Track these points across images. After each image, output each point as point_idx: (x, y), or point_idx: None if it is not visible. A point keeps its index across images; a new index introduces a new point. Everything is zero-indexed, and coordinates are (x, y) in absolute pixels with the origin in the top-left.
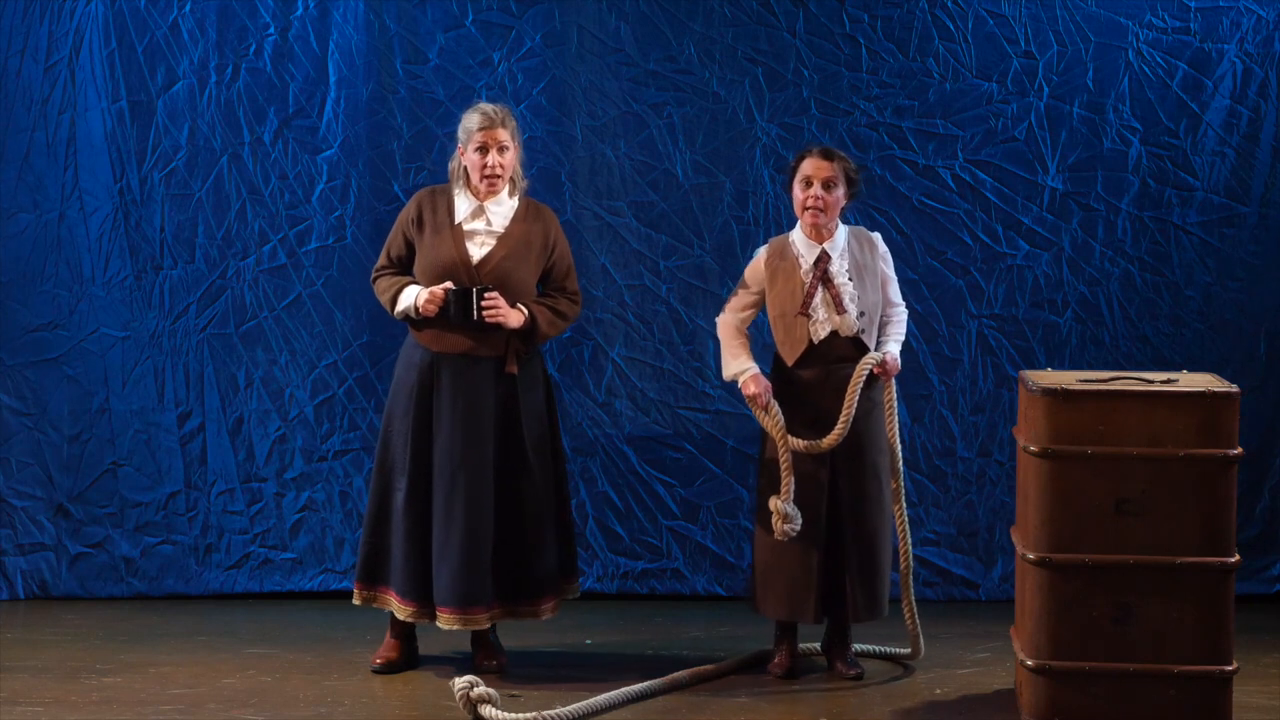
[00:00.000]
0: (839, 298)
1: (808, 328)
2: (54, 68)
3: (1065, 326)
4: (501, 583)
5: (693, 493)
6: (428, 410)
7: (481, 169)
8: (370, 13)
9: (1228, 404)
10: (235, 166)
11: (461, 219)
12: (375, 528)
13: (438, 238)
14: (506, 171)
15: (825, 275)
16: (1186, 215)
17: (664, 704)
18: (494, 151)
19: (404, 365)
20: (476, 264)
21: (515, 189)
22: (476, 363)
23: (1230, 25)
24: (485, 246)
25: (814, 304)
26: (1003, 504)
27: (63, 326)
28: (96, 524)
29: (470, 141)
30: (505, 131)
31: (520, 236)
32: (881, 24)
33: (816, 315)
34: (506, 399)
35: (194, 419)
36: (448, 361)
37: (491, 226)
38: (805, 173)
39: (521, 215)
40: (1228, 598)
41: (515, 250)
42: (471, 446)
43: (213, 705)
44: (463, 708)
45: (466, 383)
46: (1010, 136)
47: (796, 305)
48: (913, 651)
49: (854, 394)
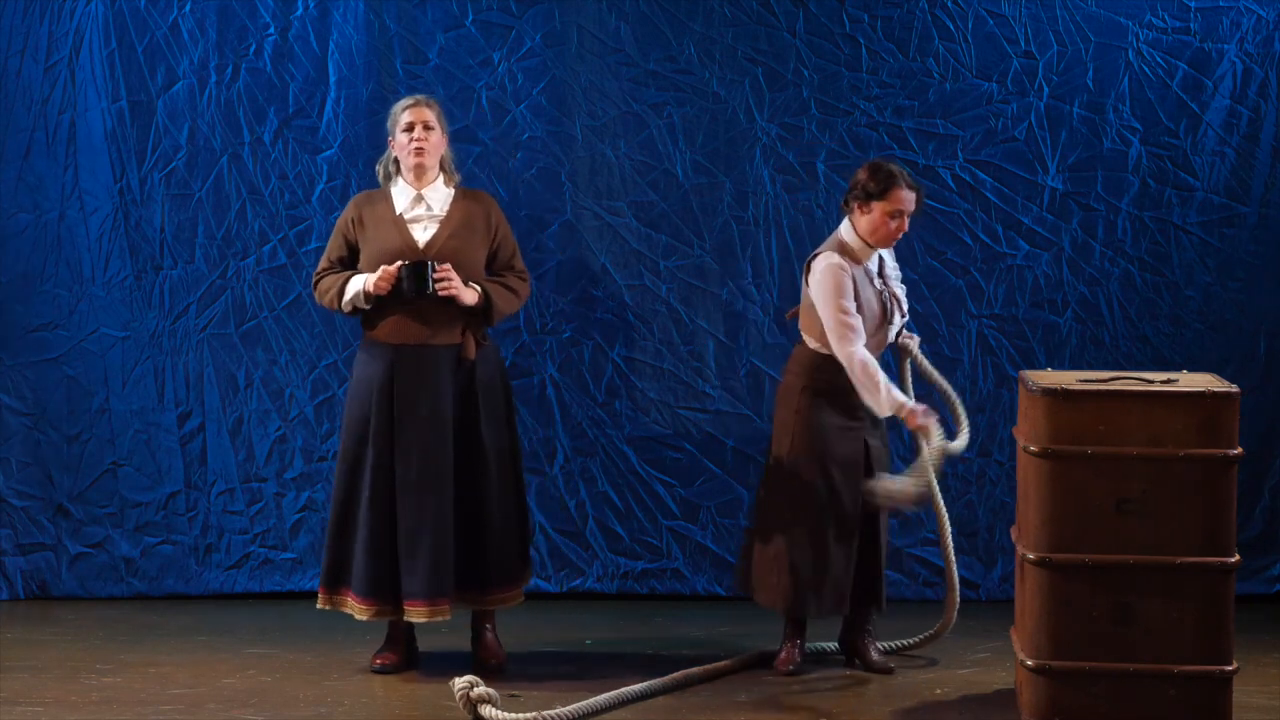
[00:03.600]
0: (899, 301)
1: (887, 333)
2: (54, 68)
3: (1065, 326)
4: (462, 573)
5: (693, 493)
6: (389, 409)
7: (408, 145)
8: (370, 13)
9: (1228, 404)
10: (235, 166)
11: (402, 210)
12: (340, 531)
13: (380, 230)
14: (433, 149)
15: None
16: (1186, 215)
17: (664, 704)
18: (419, 128)
19: (361, 367)
20: (423, 247)
21: (450, 180)
22: (434, 353)
23: (1230, 25)
24: (429, 230)
25: (890, 310)
26: (1003, 504)
27: (63, 326)
28: (96, 524)
29: (397, 125)
30: (430, 112)
31: (462, 217)
32: (881, 24)
33: (894, 322)
34: (465, 387)
35: (194, 419)
36: (405, 355)
37: (433, 211)
38: (896, 206)
39: (460, 198)
40: (1228, 598)
41: (459, 230)
42: (433, 440)
43: (213, 705)
44: (463, 708)
45: (425, 375)
46: (1010, 136)
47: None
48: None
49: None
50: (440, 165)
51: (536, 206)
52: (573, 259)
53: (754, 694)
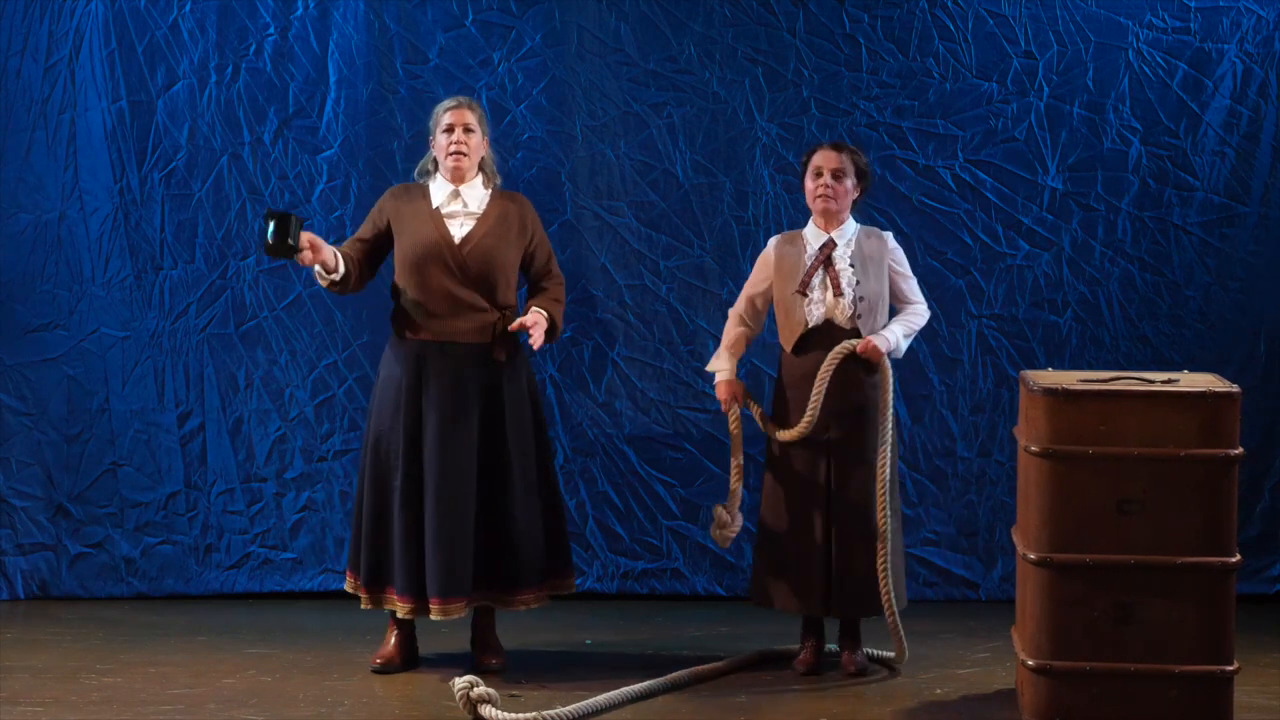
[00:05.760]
0: (837, 280)
1: (803, 309)
2: (54, 68)
3: (1065, 326)
4: (480, 572)
5: (693, 493)
6: (417, 405)
7: (447, 147)
8: (370, 13)
9: (1228, 404)
10: (235, 166)
11: (439, 204)
12: (377, 529)
13: (417, 222)
14: (473, 152)
15: (828, 259)
16: (1186, 215)
17: (664, 704)
18: (459, 130)
19: (389, 363)
20: (458, 243)
21: (489, 180)
22: (462, 349)
23: (1230, 25)
24: (465, 226)
25: (812, 284)
26: (1003, 504)
27: (63, 326)
28: (96, 524)
29: (438, 126)
30: (472, 115)
31: (498, 215)
32: (881, 24)
33: (813, 296)
34: (492, 388)
35: (194, 419)
36: (434, 351)
37: (469, 208)
38: (815, 164)
39: (497, 197)
40: (1228, 598)
41: (494, 228)
42: (458, 437)
43: (213, 705)
44: (463, 708)
45: (453, 372)
46: (1010, 136)
47: (796, 285)
48: (896, 655)
49: (823, 380)
50: (480, 167)
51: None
52: (573, 259)
53: (754, 694)
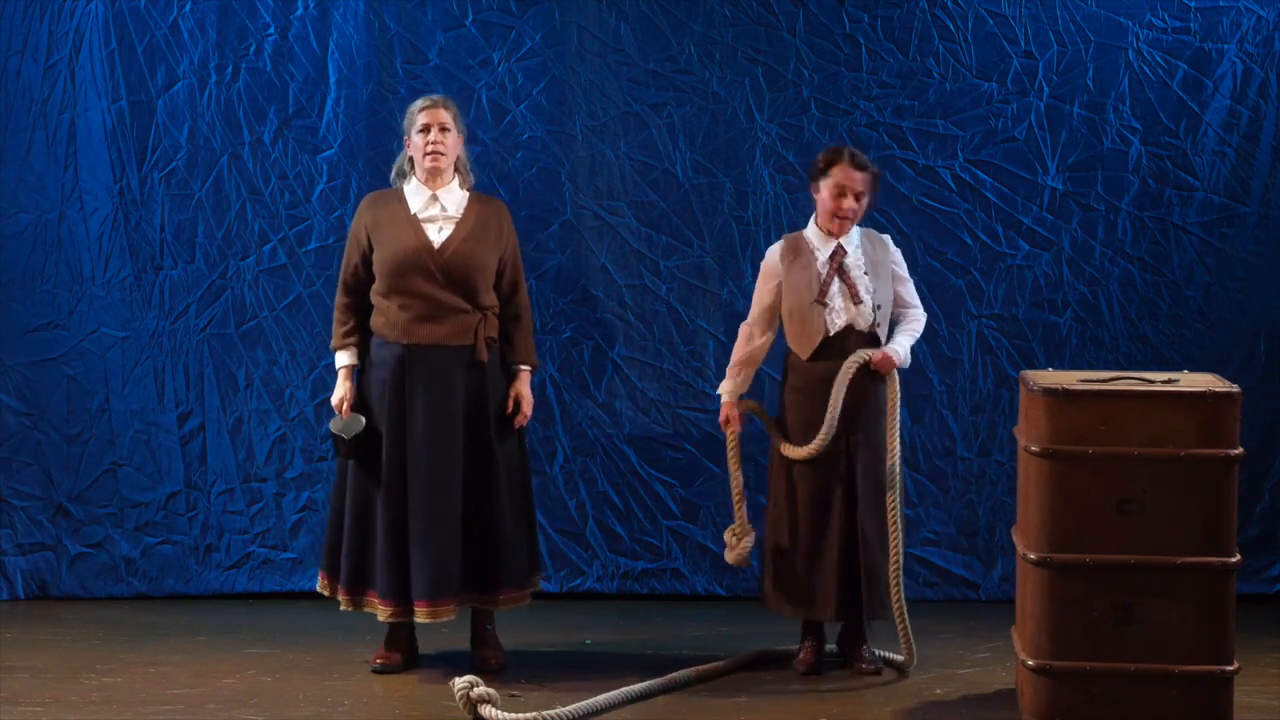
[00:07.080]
0: (854, 288)
1: (824, 317)
2: (54, 68)
3: (1065, 326)
4: (472, 573)
5: (693, 493)
6: (401, 408)
7: (424, 147)
8: (370, 13)
9: (1228, 404)
10: (235, 166)
11: (416, 210)
12: (358, 532)
13: (395, 229)
14: (450, 151)
15: (841, 267)
16: (1186, 215)
17: (664, 704)
18: (435, 130)
19: (373, 365)
20: (438, 248)
21: (465, 182)
22: (447, 352)
23: (1230, 25)
24: (444, 231)
25: (830, 293)
26: (1003, 504)
27: (63, 326)
28: (96, 524)
29: (413, 125)
30: (447, 114)
31: (477, 218)
32: (881, 24)
33: (833, 304)
34: (476, 390)
35: (194, 419)
36: (418, 354)
37: (447, 211)
38: (839, 181)
39: (475, 201)
40: (1228, 598)
41: (474, 231)
42: (443, 440)
43: (213, 705)
44: (463, 708)
45: (437, 375)
46: (1010, 136)
47: (813, 295)
48: (906, 659)
49: (839, 394)
50: (455, 167)
51: (536, 206)
52: (573, 259)
53: (754, 694)
